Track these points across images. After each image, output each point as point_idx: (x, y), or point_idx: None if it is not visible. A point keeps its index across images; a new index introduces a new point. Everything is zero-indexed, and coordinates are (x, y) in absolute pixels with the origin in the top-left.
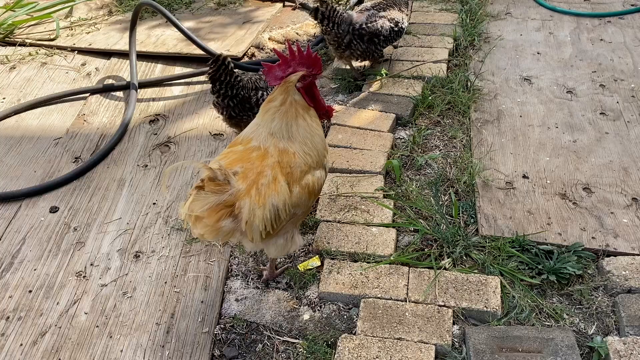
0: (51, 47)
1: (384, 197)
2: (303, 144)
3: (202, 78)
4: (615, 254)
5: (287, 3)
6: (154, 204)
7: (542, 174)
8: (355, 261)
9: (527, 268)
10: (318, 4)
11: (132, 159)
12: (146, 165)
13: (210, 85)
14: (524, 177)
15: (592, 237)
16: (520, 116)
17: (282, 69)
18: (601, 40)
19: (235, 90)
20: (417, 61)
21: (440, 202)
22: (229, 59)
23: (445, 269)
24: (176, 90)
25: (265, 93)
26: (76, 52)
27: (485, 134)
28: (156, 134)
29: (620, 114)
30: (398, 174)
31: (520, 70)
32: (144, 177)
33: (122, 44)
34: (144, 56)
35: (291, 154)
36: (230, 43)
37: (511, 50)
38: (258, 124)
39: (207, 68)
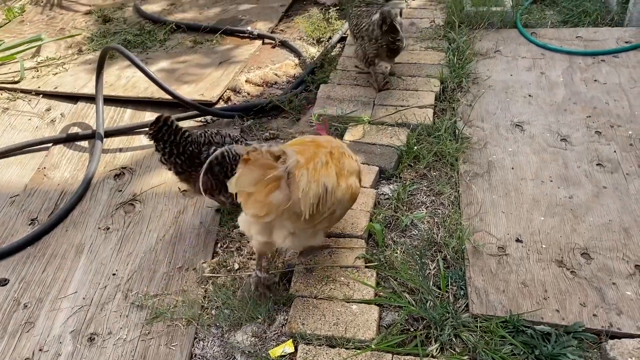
0: (14, 90)
1: (366, 266)
2: (352, 162)
3: None
4: (620, 335)
5: (266, 40)
6: (114, 274)
7: (537, 236)
8: (333, 347)
9: (522, 352)
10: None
11: (93, 220)
12: (108, 228)
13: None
14: (518, 240)
15: (594, 315)
16: (512, 168)
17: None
18: (595, 81)
19: (181, 148)
20: (402, 106)
21: (428, 272)
22: (172, 119)
23: (433, 356)
24: (145, 139)
25: (220, 149)
26: (41, 95)
27: (474, 189)
28: (121, 190)
29: (618, 164)
30: (381, 239)
31: (511, 115)
32: (105, 242)
33: (90, 87)
34: (113, 100)
35: (344, 153)
36: (205, 86)
37: (501, 92)
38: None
39: (152, 126)
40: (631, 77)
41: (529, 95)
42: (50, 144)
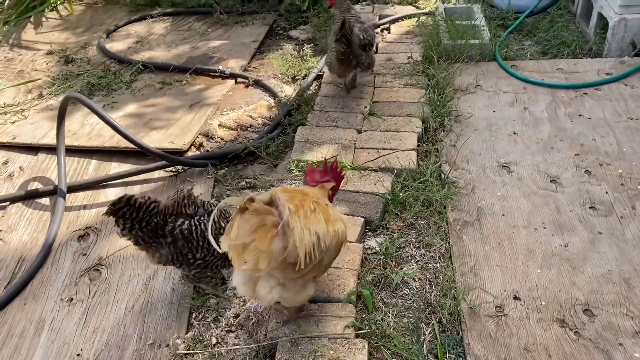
0: None
1: (357, 335)
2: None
3: (142, 177)
4: None
5: (239, 80)
6: (78, 355)
7: (535, 292)
8: None
9: None
10: None
11: (55, 290)
12: (71, 299)
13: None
14: (515, 298)
15: None
16: (503, 215)
17: (321, 175)
18: (580, 115)
19: (144, 223)
20: (384, 149)
21: (423, 338)
22: (135, 199)
23: None
24: (111, 193)
25: (188, 222)
26: None
27: (466, 240)
28: (85, 254)
29: (612, 207)
30: (371, 306)
31: (497, 156)
32: (68, 316)
33: (52, 136)
34: (76, 151)
35: (326, 202)
36: (175, 132)
37: (485, 131)
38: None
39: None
40: (615, 111)
41: (514, 133)
42: (7, 203)
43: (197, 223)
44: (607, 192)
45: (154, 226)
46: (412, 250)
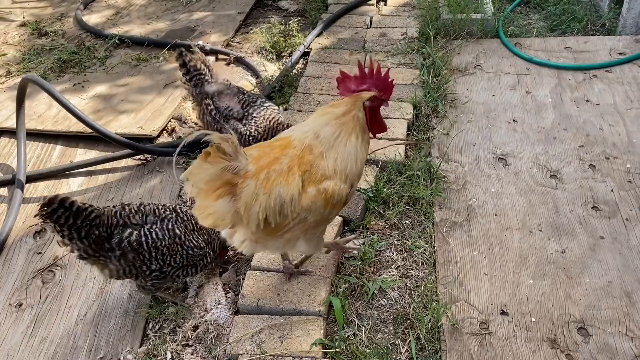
0: None
1: (324, 354)
2: (341, 158)
3: (108, 166)
4: None
5: (220, 56)
6: None
7: (525, 306)
8: None
9: None
10: None
11: (4, 294)
12: (20, 304)
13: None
14: (503, 313)
15: None
16: (496, 215)
17: (357, 83)
18: (587, 101)
19: (84, 232)
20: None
21: (398, 358)
22: (72, 201)
23: None
24: (74, 183)
25: (136, 233)
26: None
27: (452, 244)
28: (40, 252)
29: (617, 207)
30: (341, 321)
31: (494, 146)
32: (15, 323)
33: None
34: (41, 135)
35: (317, 153)
36: (146, 116)
37: (482, 117)
38: (308, 124)
39: (44, 208)
40: (627, 96)
41: (514, 120)
42: None
43: (148, 232)
44: (612, 190)
45: (96, 238)
46: (393, 254)
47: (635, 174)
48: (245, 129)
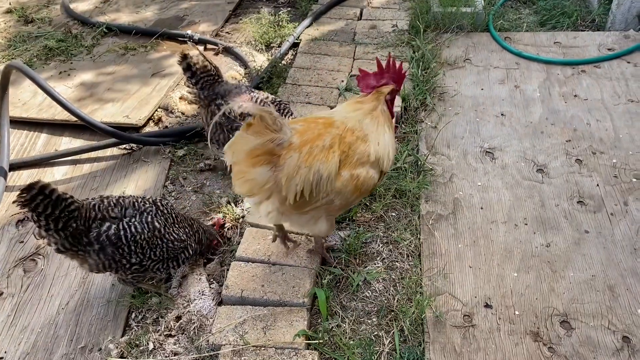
0: None
1: (307, 344)
2: (382, 146)
3: (93, 155)
4: None
5: (209, 46)
6: (1, 358)
7: (509, 299)
8: None
9: None
10: None
11: None
12: (1, 293)
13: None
14: (487, 306)
15: None
16: (482, 208)
17: (377, 79)
18: (575, 96)
19: (61, 224)
20: None
21: (381, 350)
22: (52, 188)
23: None
24: (59, 172)
25: (115, 226)
26: None
27: (438, 236)
28: (23, 241)
29: (602, 202)
30: (325, 312)
31: (481, 140)
32: None
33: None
34: (25, 123)
35: (359, 136)
36: (132, 105)
37: (470, 111)
38: (343, 113)
39: (23, 194)
40: (614, 92)
41: (502, 114)
42: None
43: (127, 226)
44: (597, 185)
45: (73, 231)
46: (378, 246)
47: (621, 169)
48: None
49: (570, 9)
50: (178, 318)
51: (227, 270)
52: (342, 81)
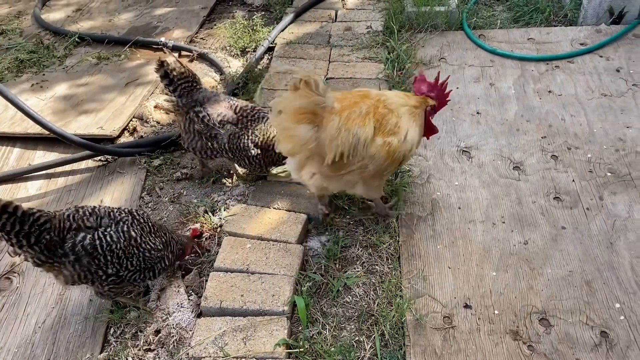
0: None
1: (288, 355)
2: (410, 132)
3: (68, 168)
4: None
5: (183, 53)
6: None
7: (489, 299)
8: None
9: None
10: None
11: None
12: None
13: None
14: (466, 306)
15: None
16: (459, 208)
17: (428, 88)
18: (550, 92)
19: (33, 238)
20: None
21: (362, 355)
22: (14, 205)
23: None
24: (33, 187)
25: (90, 236)
26: None
27: (416, 238)
28: None
29: (578, 197)
30: (305, 320)
31: (458, 139)
32: None
33: None
34: None
35: (391, 111)
36: (106, 116)
37: (446, 110)
38: (392, 94)
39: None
40: (588, 87)
41: (477, 113)
42: None
43: (102, 235)
44: (573, 180)
45: (47, 244)
46: (358, 250)
47: (596, 163)
48: (242, 132)
49: (543, 4)
50: (157, 332)
51: (206, 281)
52: None
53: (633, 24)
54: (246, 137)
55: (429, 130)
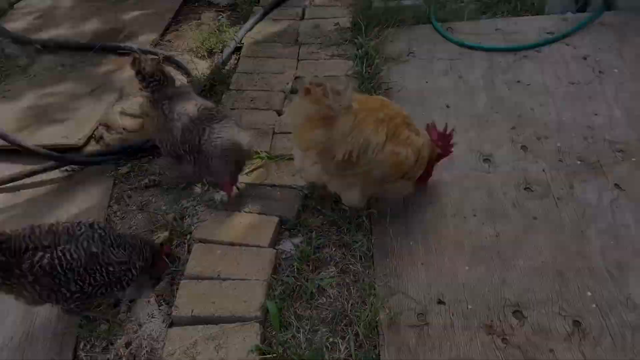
0: None
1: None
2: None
3: (33, 179)
4: None
5: (149, 56)
6: None
7: (462, 293)
8: None
9: None
10: None
11: None
12: None
13: None
14: (440, 302)
15: None
16: (431, 203)
17: (436, 138)
18: (518, 82)
19: None
20: None
21: (337, 356)
22: None
23: None
24: None
25: (48, 255)
26: None
27: (389, 235)
28: None
29: (548, 187)
30: (277, 325)
31: None
32: None
33: None
34: None
35: (406, 124)
36: (71, 125)
37: (416, 105)
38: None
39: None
40: (556, 75)
41: (447, 106)
42: None
43: (61, 254)
44: (544, 170)
45: (2, 265)
46: (332, 250)
47: (566, 152)
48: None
49: None
50: (128, 344)
51: (177, 289)
52: (288, 84)
53: (598, 11)
54: (196, 133)
55: (425, 174)
